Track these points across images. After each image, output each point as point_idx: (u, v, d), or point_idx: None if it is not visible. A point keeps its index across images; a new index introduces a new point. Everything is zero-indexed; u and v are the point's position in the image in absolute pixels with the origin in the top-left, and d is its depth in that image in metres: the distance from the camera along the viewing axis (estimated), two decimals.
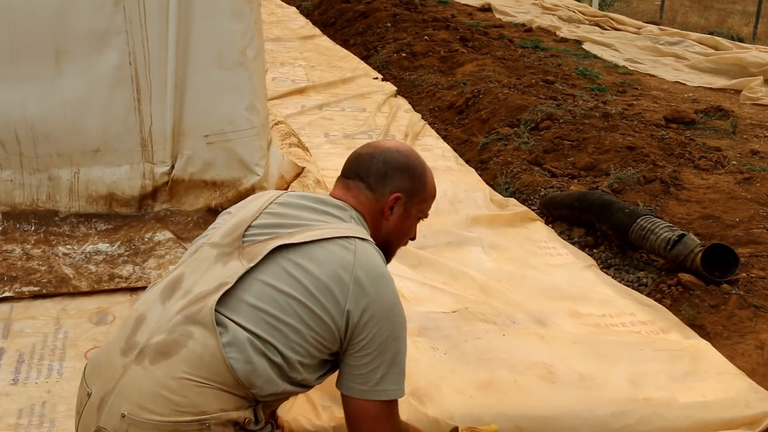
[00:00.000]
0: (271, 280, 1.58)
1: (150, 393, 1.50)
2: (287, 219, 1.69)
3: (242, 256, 1.62)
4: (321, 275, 1.58)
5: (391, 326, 1.62)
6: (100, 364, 1.62)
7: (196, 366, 1.50)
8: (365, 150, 1.84)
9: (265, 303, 1.56)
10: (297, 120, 5.11)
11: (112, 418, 1.51)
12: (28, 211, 3.08)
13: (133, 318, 1.64)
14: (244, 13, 3.09)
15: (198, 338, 1.52)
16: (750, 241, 3.39)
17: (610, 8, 13.51)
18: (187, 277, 1.65)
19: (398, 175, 1.79)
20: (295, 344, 1.56)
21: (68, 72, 3.00)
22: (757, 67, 7.30)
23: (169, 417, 1.48)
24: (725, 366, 2.53)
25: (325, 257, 1.60)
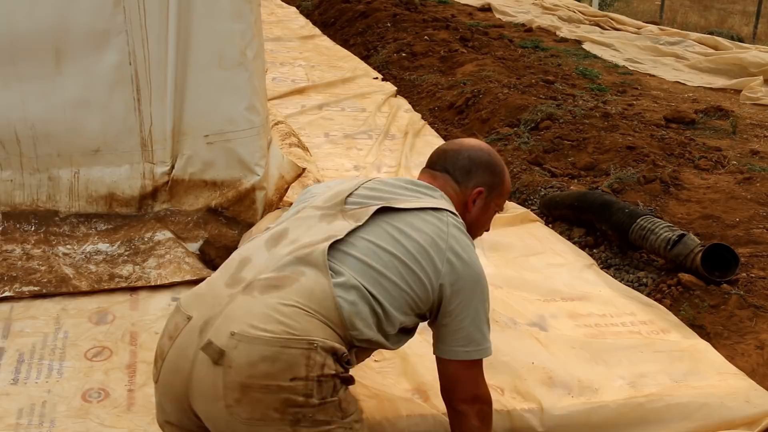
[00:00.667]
0: (376, 239, 1.73)
1: (261, 314, 1.59)
2: (384, 193, 1.85)
3: (346, 217, 1.78)
4: (420, 240, 1.74)
5: (481, 290, 1.81)
6: (202, 294, 1.72)
7: (307, 298, 1.63)
8: (450, 146, 2.03)
9: (370, 259, 1.70)
10: (297, 120, 5.11)
11: (220, 337, 1.58)
12: (28, 211, 3.08)
13: (236, 260, 1.77)
14: (244, 13, 3.09)
15: (310, 276, 1.66)
16: (750, 241, 3.39)
17: (610, 8, 13.51)
18: (292, 231, 1.79)
19: (481, 171, 1.96)
20: (393, 299, 1.71)
21: (68, 72, 2.99)
22: (757, 67, 7.30)
23: (278, 333, 1.57)
24: (725, 366, 2.53)
25: (422, 225, 1.77)
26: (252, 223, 3.26)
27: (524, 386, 2.31)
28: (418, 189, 1.89)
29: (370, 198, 1.84)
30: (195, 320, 1.65)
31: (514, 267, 3.26)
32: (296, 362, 1.57)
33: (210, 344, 1.58)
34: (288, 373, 1.56)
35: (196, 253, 3.09)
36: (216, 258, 3.04)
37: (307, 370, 1.58)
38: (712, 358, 2.57)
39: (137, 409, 2.23)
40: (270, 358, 1.56)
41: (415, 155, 4.62)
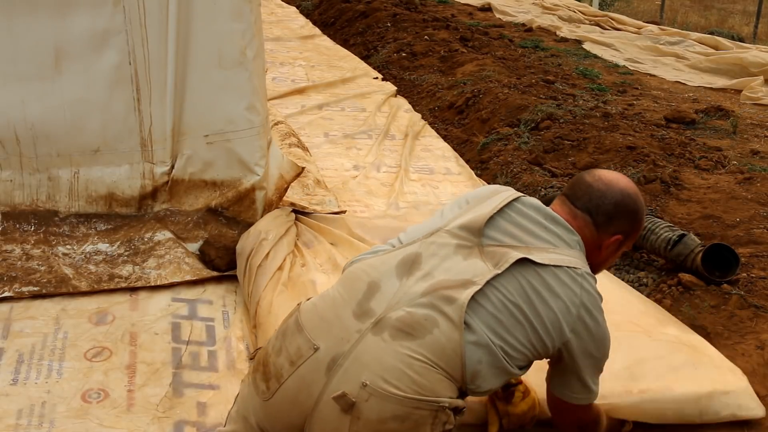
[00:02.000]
0: (510, 294, 1.69)
1: (394, 368, 1.60)
2: (522, 231, 1.78)
3: (485, 256, 1.73)
4: (554, 307, 1.71)
5: (603, 352, 1.82)
6: (328, 321, 1.69)
7: (438, 355, 1.62)
8: (597, 184, 1.88)
9: (502, 315, 1.68)
10: (297, 120, 5.11)
11: (351, 384, 1.60)
12: (28, 211, 3.08)
13: (365, 282, 1.73)
14: (244, 12, 3.09)
15: (443, 329, 1.64)
16: (750, 241, 3.39)
17: (610, 8, 13.51)
18: (426, 260, 1.74)
19: (624, 219, 1.87)
20: (517, 352, 1.70)
21: (68, 72, 2.99)
22: (758, 67, 7.29)
23: (412, 395, 1.59)
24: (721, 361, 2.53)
25: (558, 287, 1.72)
26: (252, 223, 3.26)
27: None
28: (557, 232, 1.80)
29: (508, 235, 1.76)
30: (322, 353, 1.64)
31: None
32: (424, 422, 1.61)
33: (343, 396, 1.59)
34: (414, 431, 1.60)
35: (195, 254, 3.08)
36: (216, 258, 3.04)
37: (432, 429, 1.62)
38: (710, 354, 2.57)
39: (137, 409, 2.23)
40: (400, 417, 1.59)
41: (414, 157, 4.62)
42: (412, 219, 3.61)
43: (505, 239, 1.76)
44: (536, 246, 1.76)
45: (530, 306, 1.70)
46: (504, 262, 1.71)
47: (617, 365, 2.40)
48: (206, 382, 2.38)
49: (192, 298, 2.85)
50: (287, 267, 2.86)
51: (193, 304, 2.81)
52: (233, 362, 2.49)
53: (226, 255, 3.05)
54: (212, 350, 2.55)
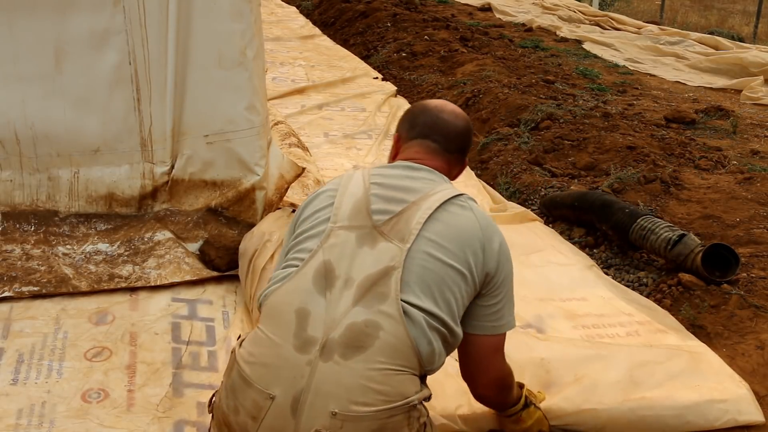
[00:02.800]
0: (424, 255, 1.69)
1: (357, 387, 1.57)
2: (399, 191, 1.80)
3: (387, 236, 1.72)
4: (460, 240, 1.73)
5: (509, 268, 1.84)
6: (273, 365, 1.63)
7: (393, 356, 1.61)
8: (441, 114, 1.95)
9: (428, 279, 1.68)
10: (297, 120, 5.11)
11: (321, 418, 1.56)
12: (28, 211, 3.08)
13: (291, 312, 1.67)
14: (244, 12, 3.09)
15: (388, 329, 1.62)
16: (750, 241, 3.39)
17: (610, 8, 13.51)
18: (337, 265, 1.70)
19: (468, 147, 2.01)
20: (454, 311, 1.71)
21: (68, 71, 2.99)
22: (758, 67, 7.29)
23: (382, 406, 1.57)
24: (722, 368, 2.53)
25: (455, 221, 1.75)
26: (252, 223, 3.26)
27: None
28: (423, 177, 1.85)
29: (390, 201, 1.77)
30: (280, 399, 1.60)
31: (514, 266, 3.26)
32: (401, 426, 1.60)
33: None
34: None
35: (196, 253, 3.08)
36: (216, 258, 3.04)
37: (409, 429, 1.62)
38: (709, 359, 2.56)
39: (137, 409, 2.23)
40: (377, 430, 1.58)
41: None
42: None
43: (390, 207, 1.76)
44: (417, 198, 1.77)
45: (445, 252, 1.71)
46: (409, 235, 1.70)
47: (616, 375, 2.40)
48: (206, 382, 2.38)
49: (192, 298, 2.85)
50: None
51: (193, 304, 2.81)
52: None
53: (226, 255, 3.05)
54: (212, 350, 2.55)
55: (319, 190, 1.91)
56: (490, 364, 1.86)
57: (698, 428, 2.30)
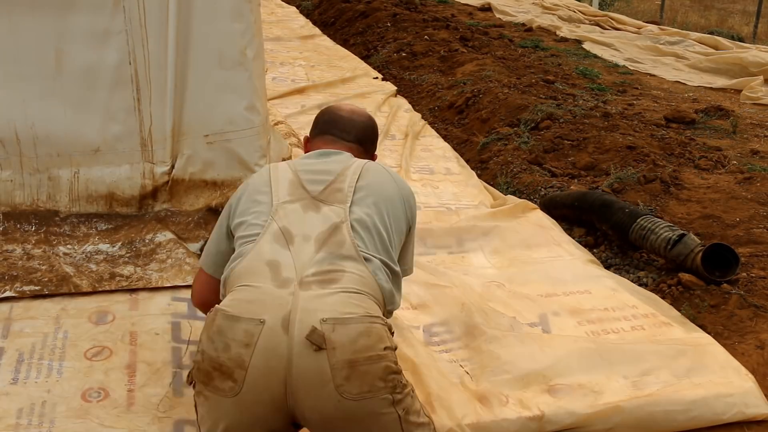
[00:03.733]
0: (363, 210, 1.91)
1: (340, 302, 1.72)
2: (321, 174, 2.00)
3: (326, 201, 1.92)
4: (386, 195, 1.98)
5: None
6: (259, 300, 1.74)
7: (361, 284, 1.78)
8: (354, 116, 2.23)
9: (370, 228, 1.89)
10: (297, 120, 5.10)
11: (308, 326, 1.67)
12: (29, 211, 3.08)
13: (263, 265, 1.80)
14: (244, 13, 3.09)
15: (351, 268, 1.80)
16: (750, 240, 3.39)
17: (610, 8, 13.50)
18: (292, 227, 1.87)
19: (367, 137, 2.22)
20: (392, 255, 1.93)
21: (68, 71, 3.00)
22: (758, 67, 7.29)
23: (364, 313, 1.72)
24: (727, 361, 2.53)
25: (378, 179, 2.01)
26: None
27: (526, 393, 2.31)
28: (339, 159, 2.06)
29: (319, 176, 1.98)
30: (271, 322, 1.68)
31: (516, 262, 3.27)
32: (383, 334, 1.74)
33: (314, 330, 1.65)
34: (380, 343, 1.71)
35: (197, 254, 3.08)
36: None
37: (389, 341, 1.75)
38: (715, 353, 2.57)
39: (137, 409, 2.23)
40: (365, 332, 1.70)
41: (415, 157, 4.62)
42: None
43: (320, 178, 1.98)
44: (341, 170, 2.00)
45: (377, 207, 1.94)
46: (345, 196, 1.93)
47: (623, 373, 2.40)
48: None
49: None
50: None
51: None
52: None
53: None
54: None
55: (246, 183, 2.08)
56: None
57: (706, 423, 2.31)
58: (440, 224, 3.56)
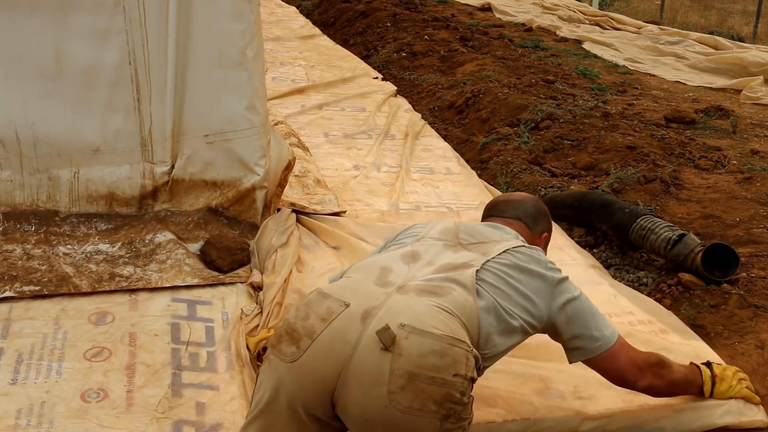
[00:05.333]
0: (501, 270, 1.93)
1: (427, 313, 1.72)
2: (481, 234, 2.09)
3: (468, 249, 2.00)
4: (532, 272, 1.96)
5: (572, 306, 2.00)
6: (351, 288, 1.82)
7: (460, 310, 1.78)
8: (512, 197, 2.34)
9: (500, 284, 1.90)
10: (297, 120, 5.11)
11: (385, 325, 1.68)
12: (29, 211, 3.08)
13: (376, 266, 1.92)
14: (244, 13, 3.09)
15: (460, 292, 1.82)
16: (750, 240, 3.39)
17: (610, 8, 13.50)
18: (423, 254, 1.97)
19: (544, 219, 2.28)
20: (517, 318, 1.90)
21: (68, 71, 3.00)
22: (758, 67, 7.29)
23: (447, 333, 1.70)
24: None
25: (527, 257, 2.00)
26: (253, 223, 3.26)
27: (518, 397, 2.30)
28: (503, 232, 2.13)
29: (475, 235, 2.08)
30: (353, 308, 1.72)
31: None
32: (460, 360, 1.69)
33: (386, 329, 1.66)
34: (452, 368, 1.68)
35: (197, 254, 3.08)
36: (217, 258, 3.04)
37: (465, 369, 1.70)
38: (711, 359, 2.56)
39: (136, 409, 2.23)
40: (439, 352, 1.67)
41: (415, 157, 4.62)
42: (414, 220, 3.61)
43: (475, 239, 2.06)
44: (498, 238, 2.07)
45: (517, 277, 1.94)
46: (492, 251, 1.97)
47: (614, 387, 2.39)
48: (205, 383, 2.38)
49: (192, 298, 2.85)
50: None
51: (193, 305, 2.81)
52: (232, 363, 2.49)
53: (228, 255, 3.05)
54: (211, 351, 2.54)
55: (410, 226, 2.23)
56: (615, 372, 2.06)
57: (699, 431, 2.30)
58: None
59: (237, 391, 2.34)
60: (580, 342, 2.00)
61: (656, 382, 2.11)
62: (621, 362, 2.04)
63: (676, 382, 2.19)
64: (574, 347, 2.02)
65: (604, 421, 2.25)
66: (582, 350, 2.02)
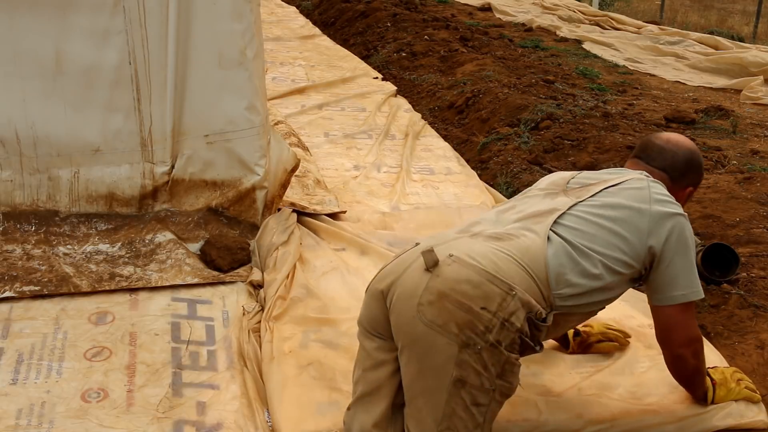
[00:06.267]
0: (589, 211, 1.98)
1: (479, 251, 1.84)
2: (595, 177, 2.14)
3: (569, 194, 2.06)
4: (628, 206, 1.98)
5: (687, 235, 2.01)
6: (433, 236, 2.00)
7: (522, 252, 1.86)
8: (666, 144, 2.22)
9: (582, 225, 1.95)
10: (297, 120, 5.11)
11: (440, 255, 1.82)
12: (29, 211, 3.08)
13: (467, 222, 2.06)
14: (244, 13, 3.09)
15: (529, 237, 1.91)
16: (750, 240, 3.39)
17: (610, 8, 13.50)
18: (519, 206, 2.08)
19: (693, 173, 2.21)
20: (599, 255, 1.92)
21: (68, 71, 3.00)
22: (758, 67, 7.29)
23: (490, 269, 1.80)
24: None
25: (627, 193, 2.02)
26: (253, 223, 3.26)
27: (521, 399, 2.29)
28: (620, 172, 2.15)
29: (588, 179, 2.12)
30: (421, 246, 1.90)
31: None
32: (493, 297, 1.78)
33: (431, 251, 1.82)
34: (482, 301, 1.77)
35: (197, 254, 3.08)
36: (217, 258, 3.04)
37: (497, 308, 1.78)
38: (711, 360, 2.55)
39: (136, 409, 2.23)
40: (474, 282, 1.78)
41: (415, 158, 4.62)
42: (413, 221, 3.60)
43: (588, 180, 2.12)
44: (608, 178, 2.10)
45: (607, 215, 1.97)
46: (586, 193, 2.03)
47: (618, 385, 2.39)
48: (206, 382, 2.38)
49: (192, 297, 2.85)
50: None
51: (193, 304, 2.81)
52: (233, 362, 2.49)
53: (228, 255, 3.05)
54: (212, 350, 2.55)
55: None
56: (681, 328, 2.05)
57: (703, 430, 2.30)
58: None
59: (238, 390, 2.34)
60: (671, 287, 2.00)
61: (691, 359, 2.12)
62: (686, 318, 2.04)
63: (701, 371, 2.21)
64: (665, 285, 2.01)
65: (607, 424, 2.25)
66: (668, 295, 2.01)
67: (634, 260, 1.96)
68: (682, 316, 2.03)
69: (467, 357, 1.76)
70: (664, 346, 2.12)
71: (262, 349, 2.49)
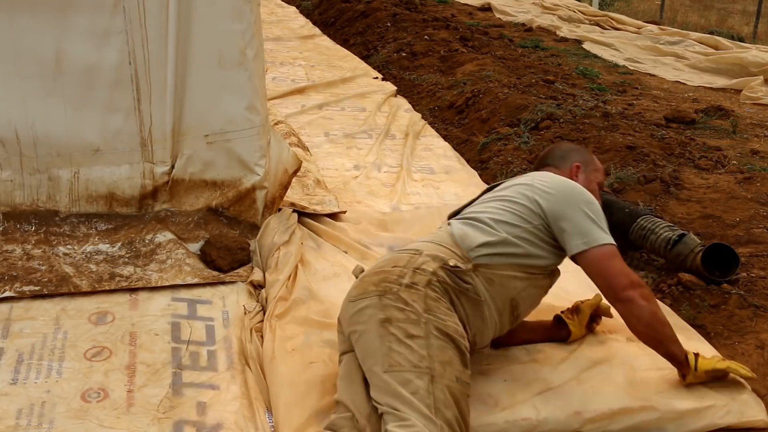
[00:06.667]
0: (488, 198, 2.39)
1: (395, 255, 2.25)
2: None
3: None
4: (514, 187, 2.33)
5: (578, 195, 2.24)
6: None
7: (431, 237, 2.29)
8: (545, 151, 2.65)
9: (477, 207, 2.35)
10: (297, 119, 5.11)
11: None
12: (29, 211, 3.08)
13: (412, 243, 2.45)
14: (244, 13, 3.09)
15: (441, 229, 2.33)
16: (750, 240, 3.39)
17: (610, 8, 13.50)
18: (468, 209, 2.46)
19: (573, 153, 2.54)
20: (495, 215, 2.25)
21: (68, 71, 3.00)
22: (758, 67, 7.29)
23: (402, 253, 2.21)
24: None
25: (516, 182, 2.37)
26: (253, 223, 3.26)
27: (520, 398, 2.29)
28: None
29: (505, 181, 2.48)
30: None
31: None
32: (401, 258, 2.16)
33: (360, 269, 2.28)
34: (392, 263, 2.15)
35: (197, 254, 3.08)
36: (217, 258, 3.04)
37: (407, 263, 2.12)
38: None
39: (136, 409, 2.23)
40: (385, 258, 2.24)
41: (415, 157, 4.62)
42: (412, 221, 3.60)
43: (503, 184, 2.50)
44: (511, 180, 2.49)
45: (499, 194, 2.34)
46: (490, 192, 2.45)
47: (616, 381, 2.39)
48: (206, 382, 2.38)
49: (192, 297, 2.85)
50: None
51: (193, 304, 2.81)
52: (233, 362, 2.49)
53: (228, 255, 3.05)
54: (212, 350, 2.55)
55: None
56: (606, 272, 2.16)
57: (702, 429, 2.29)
58: None
59: (238, 391, 2.34)
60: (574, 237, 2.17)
61: (641, 301, 2.14)
62: (615, 265, 2.15)
63: (660, 318, 2.19)
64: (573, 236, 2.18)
65: (606, 421, 2.25)
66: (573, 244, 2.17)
67: (526, 216, 2.21)
68: (607, 263, 2.15)
69: (388, 301, 2.02)
70: (609, 297, 2.21)
71: (264, 348, 2.49)
